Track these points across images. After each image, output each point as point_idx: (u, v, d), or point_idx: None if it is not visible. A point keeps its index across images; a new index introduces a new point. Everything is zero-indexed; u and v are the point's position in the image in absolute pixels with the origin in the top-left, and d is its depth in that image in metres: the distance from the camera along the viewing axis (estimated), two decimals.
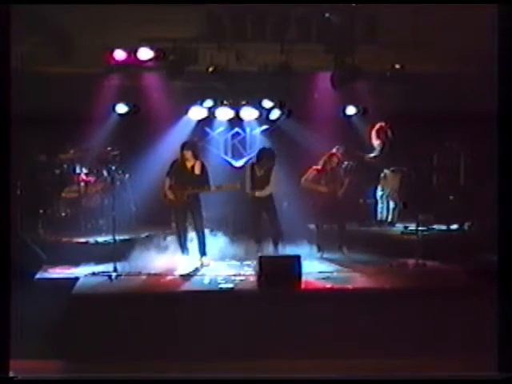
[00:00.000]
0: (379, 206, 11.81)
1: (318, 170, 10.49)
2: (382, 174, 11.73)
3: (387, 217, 11.74)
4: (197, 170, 9.89)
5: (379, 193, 11.79)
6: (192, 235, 10.08)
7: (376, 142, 11.70)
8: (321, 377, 6.18)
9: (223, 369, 6.49)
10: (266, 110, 12.05)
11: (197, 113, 11.98)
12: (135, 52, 10.75)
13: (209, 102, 11.90)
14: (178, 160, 9.97)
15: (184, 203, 9.83)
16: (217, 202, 11.46)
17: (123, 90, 11.63)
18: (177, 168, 9.92)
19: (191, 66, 11.15)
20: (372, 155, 11.74)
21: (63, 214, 11.24)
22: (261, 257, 8.94)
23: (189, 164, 9.90)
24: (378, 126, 11.71)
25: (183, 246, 10.01)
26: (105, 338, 7.20)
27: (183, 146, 9.97)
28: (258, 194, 10.19)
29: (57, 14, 10.02)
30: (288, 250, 10.08)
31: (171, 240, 10.27)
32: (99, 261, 9.73)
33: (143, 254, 9.90)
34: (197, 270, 9.65)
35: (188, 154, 9.87)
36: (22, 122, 8.00)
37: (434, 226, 11.06)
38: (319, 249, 10.46)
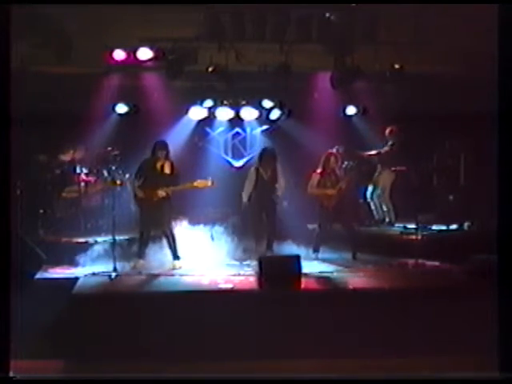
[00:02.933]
0: (372, 205, 11.80)
1: (320, 173, 10.45)
2: (376, 174, 11.73)
3: (384, 217, 11.73)
4: (167, 170, 9.84)
5: (368, 193, 11.77)
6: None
7: (388, 143, 11.65)
8: (321, 377, 6.17)
9: (223, 369, 6.49)
10: (266, 110, 12.06)
11: (197, 113, 11.99)
12: (135, 52, 10.74)
13: (209, 102, 11.90)
14: (148, 160, 9.90)
15: (154, 204, 9.75)
16: (217, 202, 11.49)
17: (123, 90, 11.63)
18: (147, 168, 9.84)
19: (191, 65, 11.15)
20: (372, 153, 11.72)
21: (63, 214, 11.24)
22: (261, 257, 8.95)
23: (159, 164, 9.85)
24: (389, 129, 11.65)
25: (143, 249, 9.84)
26: (105, 337, 7.20)
27: (156, 146, 9.88)
28: (271, 196, 10.24)
29: (56, 14, 10.02)
30: (287, 250, 10.09)
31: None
32: (99, 261, 9.76)
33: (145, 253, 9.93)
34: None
35: (161, 153, 9.81)
36: (22, 122, 8.00)
37: (434, 226, 11.07)
38: (315, 250, 10.44)
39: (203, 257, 10.07)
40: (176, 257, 9.85)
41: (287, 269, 8.49)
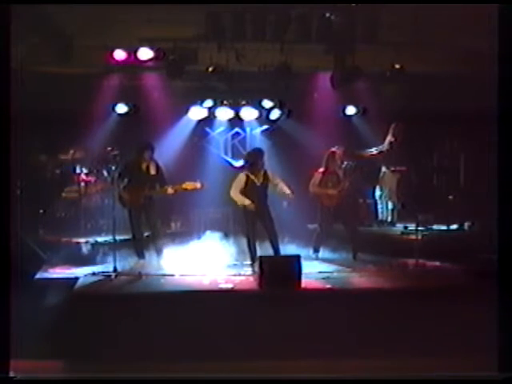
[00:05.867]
0: (379, 206, 11.82)
1: (322, 172, 10.43)
2: (381, 174, 11.74)
3: (387, 217, 11.75)
4: (152, 171, 9.83)
5: (378, 193, 11.79)
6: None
7: (391, 139, 11.64)
8: (321, 377, 6.17)
9: (223, 369, 6.48)
10: (266, 109, 12.06)
11: (197, 113, 11.99)
12: (135, 52, 10.74)
13: (209, 102, 11.90)
14: (133, 161, 9.86)
15: (140, 205, 9.72)
16: (217, 202, 11.48)
17: (123, 89, 11.63)
18: (132, 169, 9.79)
19: (191, 65, 11.15)
20: (374, 152, 11.71)
21: (63, 214, 11.26)
22: (261, 257, 8.94)
23: (144, 165, 9.82)
24: (394, 124, 11.65)
25: (140, 250, 9.88)
26: (105, 337, 7.19)
27: (143, 147, 9.85)
28: (265, 202, 9.72)
29: (57, 13, 10.02)
30: (287, 250, 10.07)
31: (170, 240, 10.30)
32: (99, 261, 9.76)
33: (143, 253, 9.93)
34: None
35: (147, 154, 9.78)
36: (22, 122, 8.00)
37: (434, 226, 11.07)
38: (315, 250, 10.43)
39: (203, 257, 10.06)
40: (160, 256, 9.83)
41: (287, 269, 8.49)
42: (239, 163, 12.54)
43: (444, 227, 11.19)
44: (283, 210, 11.43)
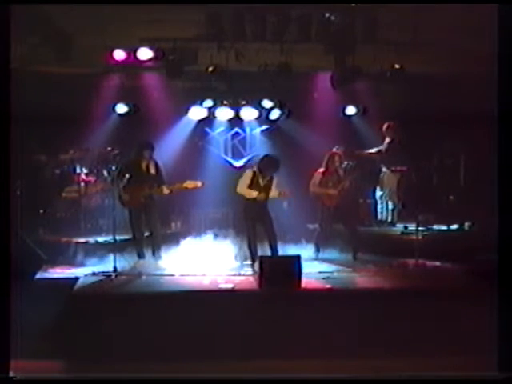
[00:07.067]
0: (379, 206, 11.82)
1: (322, 172, 10.42)
2: (382, 174, 11.75)
3: (387, 217, 11.75)
4: (152, 170, 9.83)
5: (378, 193, 11.80)
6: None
7: (387, 140, 11.66)
8: (321, 377, 6.17)
9: (223, 369, 6.48)
10: (266, 109, 12.07)
11: (197, 113, 11.99)
12: (135, 52, 10.73)
13: (209, 102, 11.91)
14: (132, 160, 9.86)
15: (140, 204, 9.72)
16: (217, 202, 11.48)
17: (123, 90, 11.63)
18: (132, 168, 9.77)
19: (191, 65, 11.14)
20: (374, 150, 11.71)
21: (63, 214, 11.24)
22: (261, 257, 8.95)
23: (144, 164, 9.82)
24: (386, 124, 11.67)
25: (141, 250, 9.89)
26: (105, 337, 7.20)
27: (142, 146, 9.85)
28: (261, 202, 9.68)
29: (56, 13, 10.01)
30: (287, 250, 10.07)
31: (170, 240, 10.29)
32: (99, 261, 9.76)
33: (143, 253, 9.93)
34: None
35: (146, 153, 9.78)
36: (22, 122, 8.00)
37: (434, 226, 11.08)
38: (316, 250, 10.43)
39: (203, 257, 10.06)
40: (159, 257, 9.85)
41: (287, 269, 8.49)
42: (239, 163, 12.57)
43: (444, 227, 11.19)
44: (283, 210, 11.43)
